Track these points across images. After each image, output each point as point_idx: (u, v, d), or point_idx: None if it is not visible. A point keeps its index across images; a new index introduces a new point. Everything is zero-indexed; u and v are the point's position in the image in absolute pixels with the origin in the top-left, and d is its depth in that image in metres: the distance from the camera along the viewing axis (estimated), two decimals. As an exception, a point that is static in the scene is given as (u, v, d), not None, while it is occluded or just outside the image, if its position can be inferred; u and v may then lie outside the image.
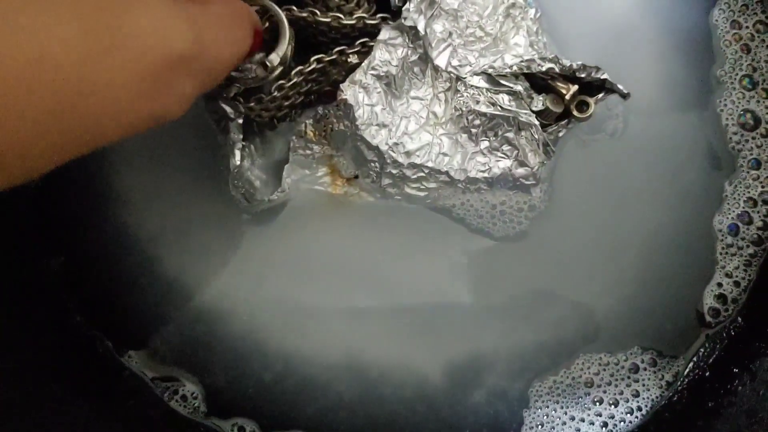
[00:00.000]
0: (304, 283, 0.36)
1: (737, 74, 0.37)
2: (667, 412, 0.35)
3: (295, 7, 0.34)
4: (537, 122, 0.33)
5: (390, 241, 0.36)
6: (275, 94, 0.33)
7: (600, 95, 0.34)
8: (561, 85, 0.34)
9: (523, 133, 0.33)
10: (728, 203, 0.36)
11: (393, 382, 0.36)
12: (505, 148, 0.33)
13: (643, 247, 0.36)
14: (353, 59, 0.33)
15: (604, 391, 0.35)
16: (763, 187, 0.36)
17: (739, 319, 0.35)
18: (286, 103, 0.34)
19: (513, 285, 0.36)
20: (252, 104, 0.33)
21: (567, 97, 0.33)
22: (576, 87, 0.33)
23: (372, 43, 0.34)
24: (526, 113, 0.33)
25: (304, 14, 0.34)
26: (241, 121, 0.33)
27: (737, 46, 0.37)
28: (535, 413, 0.35)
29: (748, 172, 0.36)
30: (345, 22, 0.33)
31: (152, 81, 0.20)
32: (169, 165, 0.37)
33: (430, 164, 0.33)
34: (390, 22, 0.33)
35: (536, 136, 0.33)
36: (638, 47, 0.37)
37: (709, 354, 0.35)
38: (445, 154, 0.33)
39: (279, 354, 0.36)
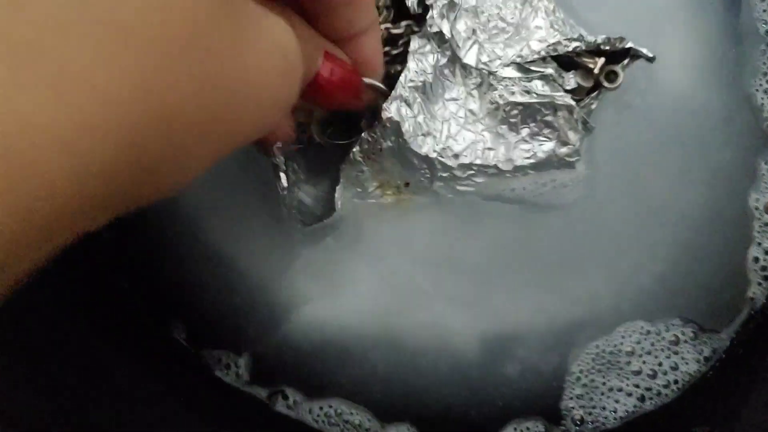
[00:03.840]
0: (346, 257, 0.37)
1: None
2: (703, 386, 0.36)
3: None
4: (573, 102, 0.34)
5: (437, 230, 0.37)
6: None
7: (626, 61, 0.35)
8: (588, 60, 0.34)
9: (560, 113, 0.34)
10: (765, 182, 0.37)
11: (428, 354, 0.37)
12: (546, 131, 0.34)
13: (679, 224, 0.37)
14: None
15: (644, 362, 0.36)
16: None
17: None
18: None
19: (547, 261, 0.37)
20: None
21: (596, 71, 0.34)
22: (603, 59, 0.34)
23: (394, 51, 0.34)
24: (561, 95, 0.33)
25: (328, 35, 0.34)
26: (280, 144, 0.34)
27: None
28: (575, 383, 0.36)
29: None
30: (370, 37, 0.34)
31: (288, 68, 0.21)
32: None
33: (478, 161, 0.34)
34: (415, 29, 0.34)
35: (574, 116, 0.34)
36: (668, 23, 0.37)
37: (745, 331, 0.36)
38: (490, 149, 0.34)
39: (317, 324, 0.37)
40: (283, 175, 0.35)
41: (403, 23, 0.34)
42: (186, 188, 0.35)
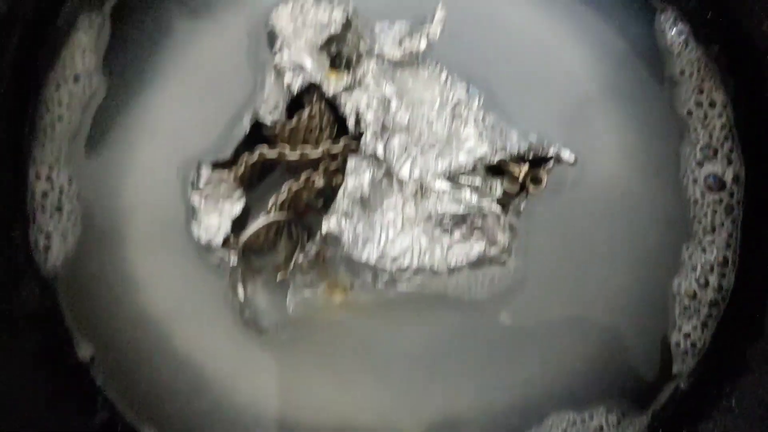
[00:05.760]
0: (300, 358, 0.39)
1: (699, 141, 0.40)
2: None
3: (266, 147, 0.37)
4: (500, 210, 0.37)
5: (383, 326, 0.40)
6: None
7: (549, 165, 0.38)
8: (513, 167, 0.38)
9: (488, 218, 0.37)
10: (686, 267, 0.40)
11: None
12: (477, 233, 0.37)
13: (607, 309, 0.40)
14: (319, 182, 0.37)
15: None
16: (718, 251, 0.40)
17: (693, 379, 0.39)
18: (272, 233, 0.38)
19: (485, 350, 0.39)
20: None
21: (520, 178, 0.37)
22: (527, 166, 0.37)
23: (332, 167, 0.37)
24: (488, 203, 0.37)
25: (274, 156, 0.37)
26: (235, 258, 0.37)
27: (698, 113, 0.40)
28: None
29: (703, 237, 0.40)
30: (312, 157, 0.37)
31: None
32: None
33: (415, 265, 0.37)
34: (352, 147, 0.37)
35: (501, 221, 0.37)
36: (595, 117, 0.41)
37: (665, 414, 0.39)
38: (425, 252, 0.37)
39: (278, 423, 0.39)
40: (240, 289, 0.38)
41: (342, 142, 0.37)
42: (157, 299, 0.39)
